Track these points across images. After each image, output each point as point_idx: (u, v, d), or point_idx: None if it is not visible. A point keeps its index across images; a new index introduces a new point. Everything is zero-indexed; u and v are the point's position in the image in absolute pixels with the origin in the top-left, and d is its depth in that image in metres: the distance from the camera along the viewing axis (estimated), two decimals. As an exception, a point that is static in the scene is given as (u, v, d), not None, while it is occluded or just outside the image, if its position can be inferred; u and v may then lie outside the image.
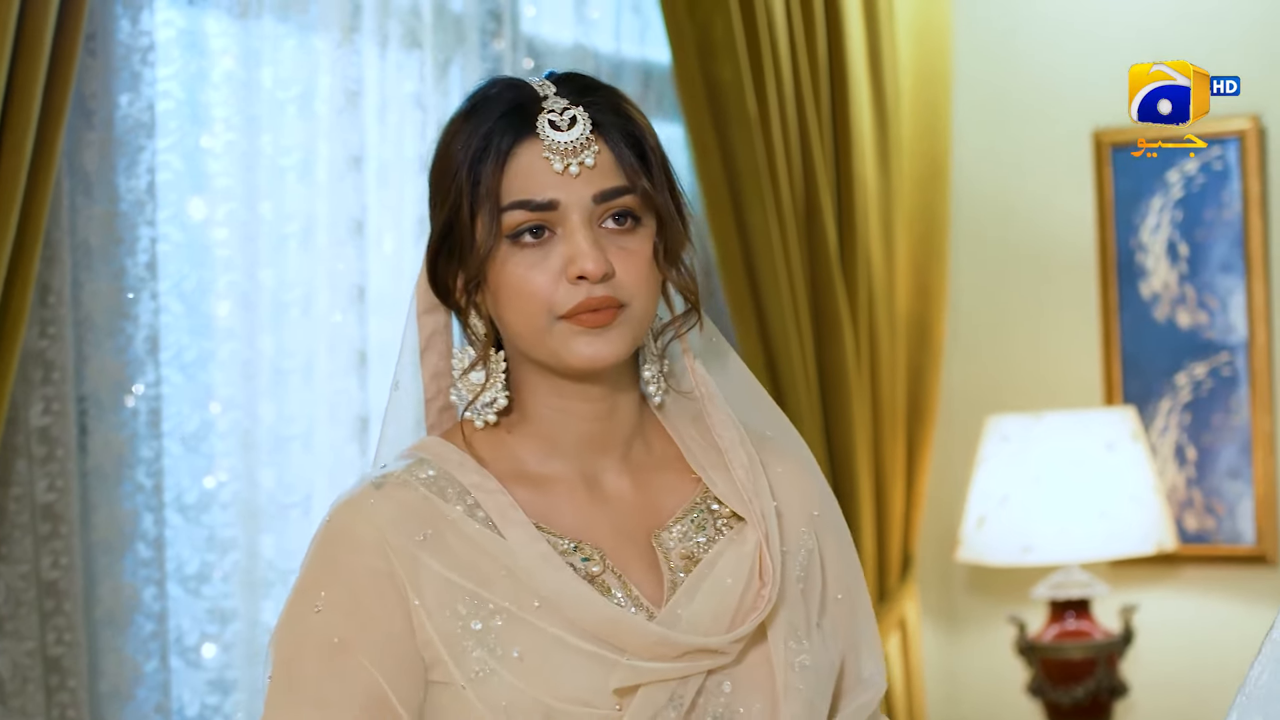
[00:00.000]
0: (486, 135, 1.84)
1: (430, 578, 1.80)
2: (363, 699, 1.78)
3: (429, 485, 1.85)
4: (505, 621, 1.79)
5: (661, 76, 4.26)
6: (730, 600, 1.85)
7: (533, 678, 1.77)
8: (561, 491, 1.90)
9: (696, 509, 1.93)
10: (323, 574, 1.83)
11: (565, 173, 1.82)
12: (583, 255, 1.81)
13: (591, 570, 1.85)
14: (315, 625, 1.81)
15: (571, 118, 1.83)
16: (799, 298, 4.33)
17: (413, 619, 1.80)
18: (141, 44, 3.01)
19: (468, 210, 1.84)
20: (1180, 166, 4.69)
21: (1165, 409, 4.74)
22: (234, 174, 3.17)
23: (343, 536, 1.83)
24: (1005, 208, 4.94)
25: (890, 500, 4.67)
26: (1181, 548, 4.69)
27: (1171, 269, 4.73)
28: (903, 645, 4.74)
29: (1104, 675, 4.47)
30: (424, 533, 1.82)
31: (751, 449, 1.95)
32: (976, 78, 4.97)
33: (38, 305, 2.85)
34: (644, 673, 1.79)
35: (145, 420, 3.02)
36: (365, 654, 1.79)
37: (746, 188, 4.18)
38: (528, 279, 1.82)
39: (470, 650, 1.79)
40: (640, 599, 1.85)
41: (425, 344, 1.97)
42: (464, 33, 3.61)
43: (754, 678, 1.86)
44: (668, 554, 1.89)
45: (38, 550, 2.86)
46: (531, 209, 1.82)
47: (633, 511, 1.92)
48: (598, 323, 1.82)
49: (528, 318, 1.83)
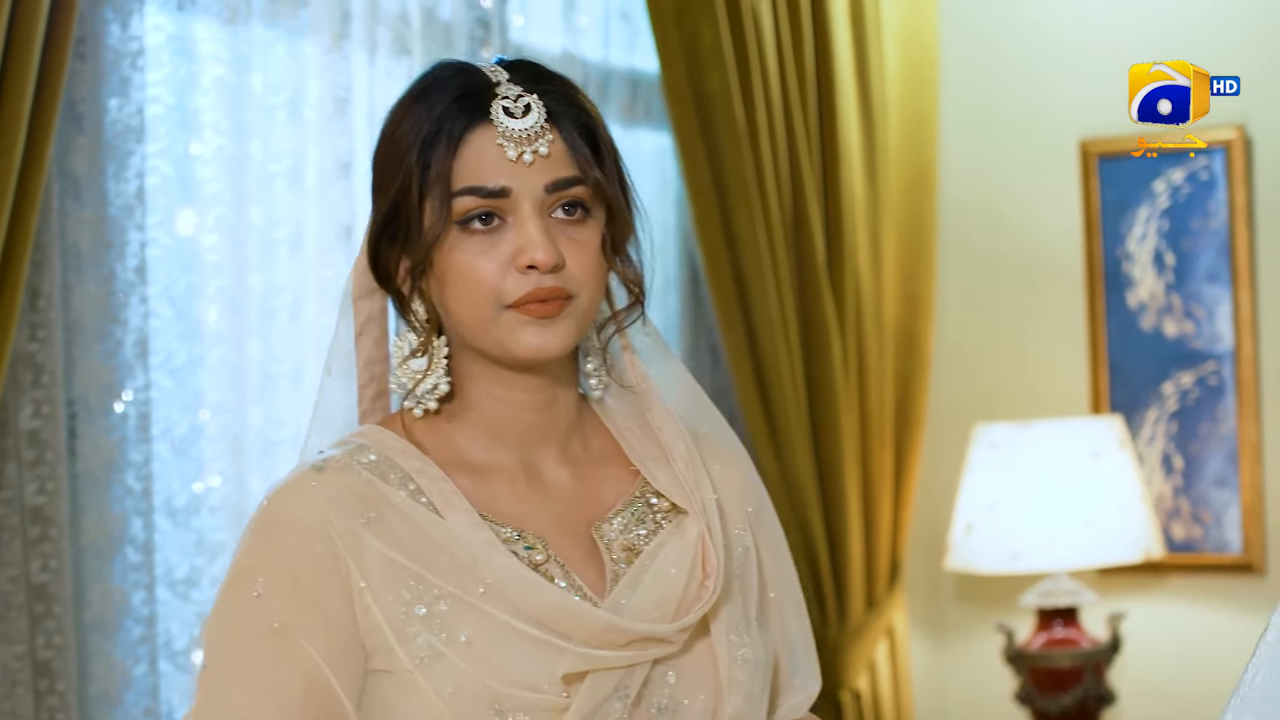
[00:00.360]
0: (438, 119, 1.82)
1: (375, 559, 1.78)
2: (304, 684, 1.75)
3: (371, 469, 1.83)
4: (451, 606, 1.77)
5: (650, 85, 4.27)
6: (674, 590, 1.84)
7: (480, 662, 1.75)
8: (502, 481, 1.88)
9: (636, 502, 1.92)
10: (261, 558, 1.79)
11: (519, 160, 1.80)
12: (533, 244, 1.79)
13: (535, 559, 1.83)
14: (254, 610, 1.77)
15: (526, 105, 1.82)
16: (787, 306, 4.34)
17: (356, 604, 1.77)
18: (131, 49, 3.02)
19: (416, 194, 1.81)
20: (1167, 176, 4.71)
21: (1152, 418, 4.75)
22: (223, 179, 3.17)
23: (283, 520, 1.80)
24: (993, 217, 4.96)
25: (878, 508, 4.67)
26: (1169, 556, 4.70)
27: (1158, 278, 4.75)
28: (891, 653, 4.75)
29: (1092, 683, 4.48)
30: (367, 515, 1.79)
31: (690, 443, 1.95)
32: (963, 87, 4.98)
33: (27, 309, 2.85)
34: (591, 660, 1.77)
35: (135, 424, 3.02)
36: (307, 638, 1.76)
37: (734, 196, 4.19)
38: (475, 266, 1.81)
39: (416, 635, 1.76)
40: (583, 589, 1.83)
41: (360, 330, 1.94)
42: (452, 40, 3.62)
43: (698, 669, 1.85)
44: (609, 545, 1.88)
45: (27, 553, 2.85)
46: (483, 195, 1.81)
47: (573, 503, 1.90)
48: (545, 313, 1.81)
49: (474, 306, 1.82)
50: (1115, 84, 4.62)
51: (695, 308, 4.38)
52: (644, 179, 4.28)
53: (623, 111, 4.20)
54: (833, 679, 4.53)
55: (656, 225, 4.21)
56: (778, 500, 4.28)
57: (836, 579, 4.53)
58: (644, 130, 4.29)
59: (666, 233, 4.34)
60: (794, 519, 4.40)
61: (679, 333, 4.35)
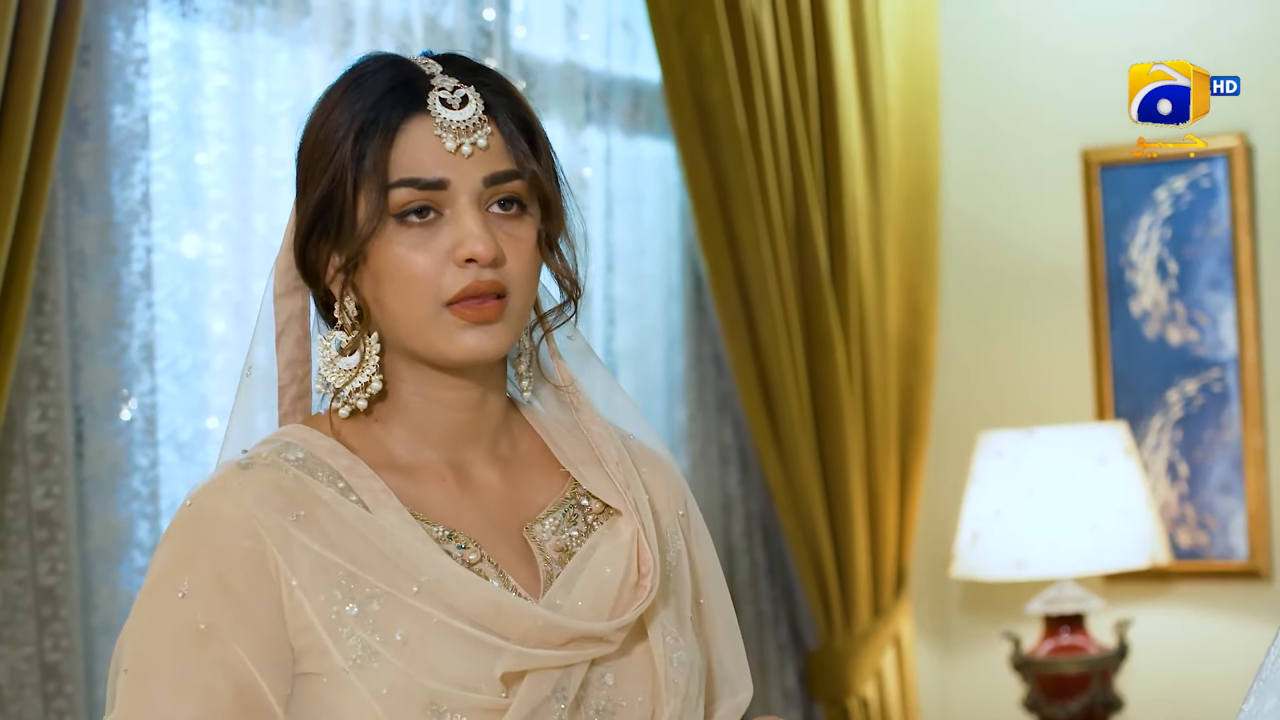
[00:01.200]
0: (372, 109, 1.77)
1: (305, 556, 1.72)
2: (232, 688, 1.70)
3: (299, 466, 1.78)
4: (383, 605, 1.72)
5: (651, 95, 4.28)
6: (609, 590, 1.81)
7: (415, 662, 1.71)
8: (432, 480, 1.83)
9: (567, 503, 1.89)
10: (186, 557, 1.73)
11: (457, 152, 1.76)
12: (473, 237, 1.75)
13: (469, 558, 1.79)
14: (178, 610, 1.71)
15: (463, 96, 1.78)
16: (790, 315, 4.35)
17: (287, 603, 1.72)
18: (135, 56, 3.03)
19: (350, 186, 1.76)
20: (1169, 184, 4.72)
21: (1157, 426, 4.76)
22: (227, 186, 3.19)
23: (207, 519, 1.74)
24: (995, 225, 4.97)
25: (883, 517, 4.68)
26: (1175, 563, 4.71)
27: (1161, 286, 4.76)
28: (897, 661, 4.75)
29: (1099, 690, 4.48)
30: (296, 513, 1.74)
31: (620, 444, 1.93)
32: (965, 96, 5.00)
33: (34, 313, 2.87)
34: (529, 659, 1.73)
35: (141, 428, 3.04)
36: (235, 639, 1.70)
37: (737, 206, 4.21)
38: (412, 260, 1.76)
39: (349, 635, 1.71)
40: (518, 589, 1.79)
41: (281, 329, 1.89)
42: (455, 49, 3.61)
43: (636, 670, 1.82)
44: (541, 546, 1.84)
45: (34, 557, 2.87)
46: (420, 187, 1.76)
47: (502, 504, 1.86)
48: (483, 317, 1.77)
49: (411, 303, 1.77)
50: (1116, 93, 4.65)
51: (699, 316, 4.39)
52: (647, 188, 4.29)
53: (625, 121, 4.22)
54: (839, 687, 4.53)
55: (659, 234, 4.25)
56: (783, 508, 4.30)
57: (842, 587, 4.54)
58: (646, 139, 4.30)
59: (670, 241, 4.35)
60: (799, 527, 4.41)
61: (682, 340, 4.36)
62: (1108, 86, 4.64)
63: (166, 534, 1.77)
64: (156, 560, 1.76)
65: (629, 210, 4.21)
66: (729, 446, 4.47)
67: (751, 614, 4.48)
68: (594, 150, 4.10)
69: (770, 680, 4.51)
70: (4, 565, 2.84)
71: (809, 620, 4.52)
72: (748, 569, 4.49)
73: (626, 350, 4.21)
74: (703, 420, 4.40)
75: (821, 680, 4.54)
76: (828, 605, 4.50)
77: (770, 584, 4.56)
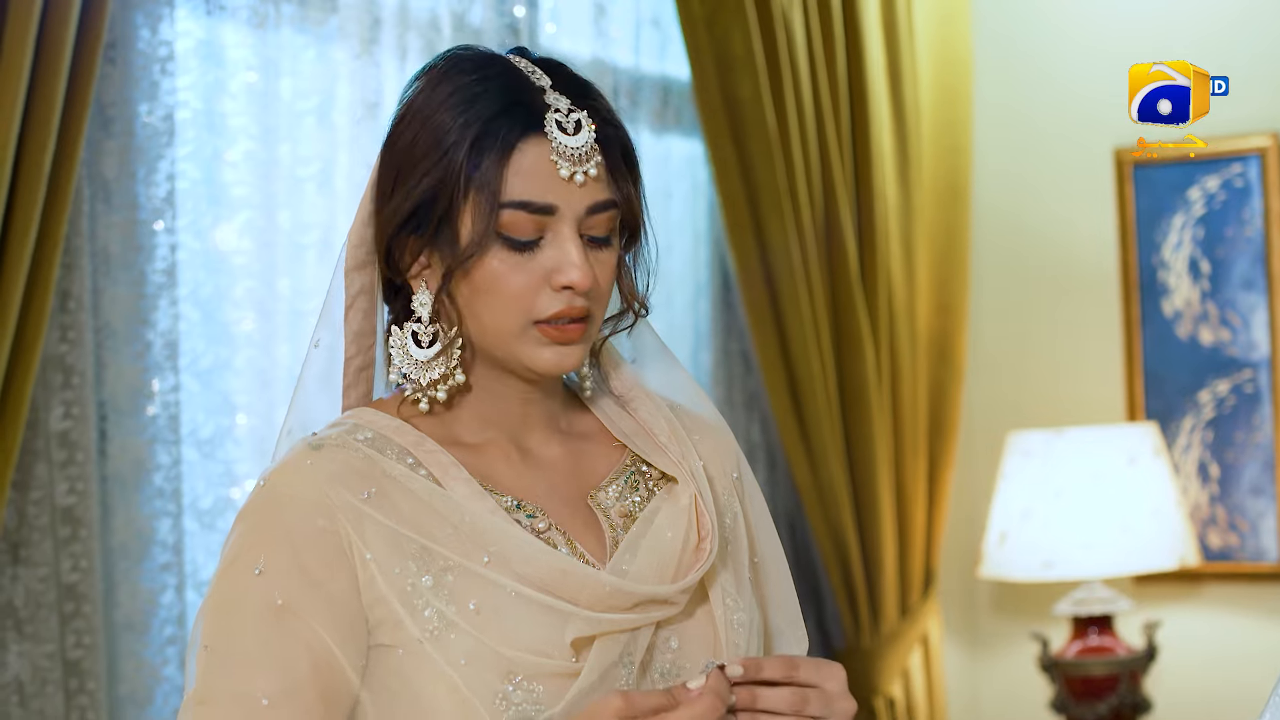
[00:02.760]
0: (489, 121, 1.78)
1: (379, 532, 1.77)
2: (310, 661, 1.74)
3: (368, 445, 1.82)
4: (457, 576, 1.77)
5: (681, 92, 4.28)
6: (671, 553, 1.85)
7: (490, 630, 1.75)
8: (497, 455, 1.88)
9: (628, 470, 1.94)
10: (261, 536, 1.77)
11: (570, 180, 1.80)
12: (573, 266, 1.79)
13: (537, 527, 1.84)
14: (255, 588, 1.75)
15: (577, 121, 1.80)
16: (819, 314, 4.34)
17: (361, 577, 1.76)
18: (160, 53, 3.04)
19: (460, 193, 1.79)
20: (1202, 184, 4.70)
21: (1188, 426, 4.74)
22: (252, 184, 3.19)
23: (282, 498, 1.78)
24: (1027, 224, 4.96)
25: (912, 516, 4.67)
26: (1205, 565, 4.68)
27: (1193, 286, 4.74)
28: (925, 662, 4.74)
29: (1127, 691, 4.46)
30: (368, 490, 1.78)
31: (669, 415, 1.97)
32: (996, 94, 4.98)
33: (58, 311, 2.87)
34: (598, 623, 1.77)
35: (164, 426, 3.04)
36: (312, 615, 1.75)
37: (766, 204, 4.20)
38: (509, 280, 1.80)
39: (423, 607, 1.76)
40: (585, 555, 1.84)
41: (350, 302, 1.91)
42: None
43: (698, 633, 1.86)
44: (606, 512, 1.89)
45: (58, 554, 2.87)
46: (531, 211, 1.79)
47: (567, 474, 1.91)
48: (567, 338, 1.82)
49: (502, 317, 1.81)
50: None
51: (727, 313, 4.38)
52: (675, 185, 4.29)
53: (654, 118, 4.21)
54: (867, 686, 4.52)
55: (688, 232, 4.24)
56: (810, 507, 4.29)
57: (870, 586, 4.53)
58: (675, 137, 4.29)
59: (698, 238, 4.35)
60: (827, 526, 4.40)
61: (710, 338, 4.35)
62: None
63: (241, 513, 1.81)
64: (232, 539, 1.80)
65: (657, 208, 4.20)
66: (756, 445, 4.46)
67: (778, 613, 4.46)
68: (622, 148, 4.08)
69: (796, 679, 4.50)
70: (27, 562, 2.85)
71: (836, 620, 4.51)
72: (774, 568, 4.47)
73: (654, 348, 4.19)
74: (730, 418, 4.35)
75: (849, 680, 4.52)
76: (855, 605, 4.49)
77: (797, 583, 4.52)
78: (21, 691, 2.84)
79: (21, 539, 2.85)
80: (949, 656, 4.97)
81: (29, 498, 2.86)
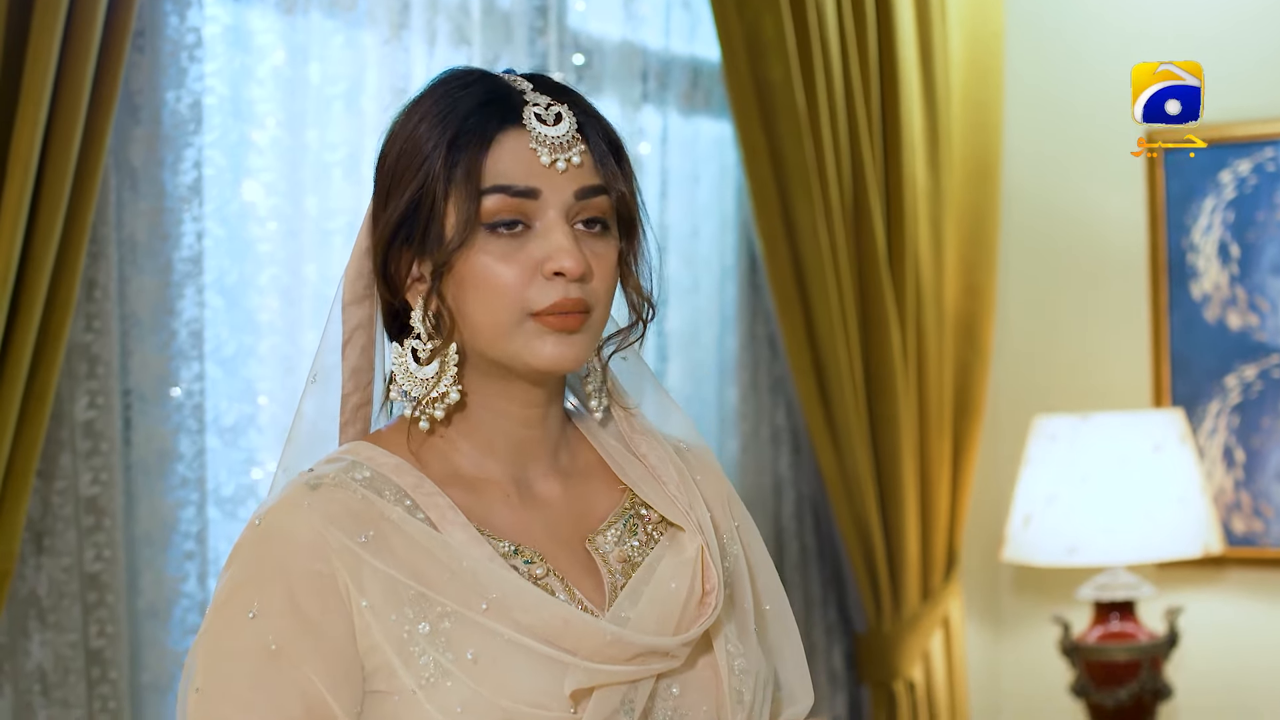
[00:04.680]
0: (465, 118, 1.79)
1: (375, 578, 1.74)
2: (303, 706, 1.72)
3: (366, 485, 1.79)
4: (454, 624, 1.74)
5: (710, 74, 4.25)
6: (674, 604, 1.83)
7: (487, 680, 1.73)
8: (496, 495, 1.86)
9: (627, 514, 1.92)
10: (255, 578, 1.75)
11: (552, 166, 1.79)
12: (563, 251, 1.78)
13: (535, 573, 1.81)
14: (249, 631, 1.73)
15: (557, 113, 1.82)
16: (846, 295, 4.33)
17: (356, 623, 1.74)
18: (188, 40, 3.02)
19: (441, 193, 1.79)
20: (1233, 168, 4.67)
21: (1214, 410, 4.72)
22: (279, 170, 3.17)
23: (278, 539, 1.75)
24: (1055, 206, 4.93)
25: (936, 499, 4.66)
26: (1229, 550, 4.67)
27: (1222, 270, 4.71)
28: (946, 644, 4.73)
29: (1148, 677, 4.45)
30: (365, 533, 1.76)
31: (679, 461, 1.95)
32: (1028, 75, 4.95)
33: (84, 300, 2.87)
34: (597, 674, 1.75)
35: (189, 414, 3.03)
36: (305, 660, 1.73)
37: (795, 187, 4.18)
38: (498, 271, 1.78)
39: (419, 654, 1.73)
40: (584, 601, 1.82)
41: (348, 337, 1.90)
42: (512, 29, 3.61)
43: (700, 681, 1.85)
44: (605, 557, 1.87)
45: (81, 543, 2.87)
46: (512, 194, 1.78)
47: (565, 516, 1.89)
48: (566, 326, 1.79)
49: (495, 311, 1.79)
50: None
51: (753, 296, 4.36)
52: (703, 168, 4.27)
53: (683, 100, 4.19)
54: (887, 669, 4.52)
55: (715, 215, 4.23)
56: (834, 491, 4.29)
57: (892, 569, 4.52)
58: (704, 119, 4.27)
59: (725, 221, 4.33)
60: (850, 510, 4.39)
61: (736, 322, 4.34)
62: (1174, 68, 4.59)
63: (235, 551, 1.79)
64: (226, 578, 1.78)
65: (684, 191, 4.18)
66: (781, 428, 4.45)
67: (800, 597, 4.47)
68: (650, 130, 4.07)
69: (817, 663, 4.50)
70: (50, 551, 2.85)
71: (857, 603, 4.50)
72: (797, 552, 4.47)
73: (679, 331, 4.19)
74: (755, 401, 4.38)
75: (869, 663, 4.53)
76: (877, 588, 4.49)
77: (820, 566, 4.55)
78: (44, 680, 2.85)
79: (45, 528, 2.85)
80: (970, 639, 4.97)
81: (53, 487, 2.85)
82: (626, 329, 1.92)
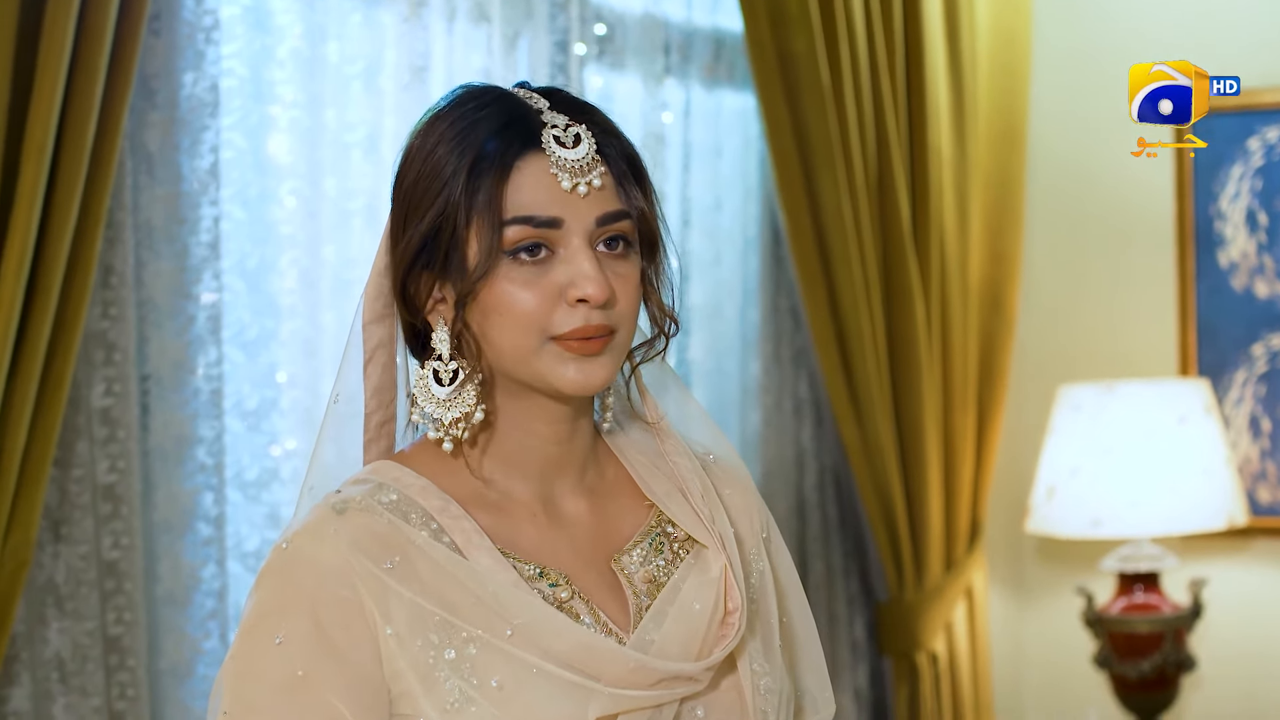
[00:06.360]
0: (484, 143, 1.78)
1: (401, 604, 1.75)
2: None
3: (392, 509, 1.79)
4: (479, 650, 1.74)
5: (733, 46, 4.22)
6: (699, 626, 1.83)
7: (511, 707, 1.73)
8: (522, 515, 1.85)
9: (653, 532, 1.91)
10: (283, 603, 1.76)
11: (573, 191, 1.78)
12: (586, 279, 1.77)
13: (559, 596, 1.81)
14: (276, 658, 1.74)
15: (575, 135, 1.80)
16: (869, 268, 4.30)
17: (382, 649, 1.74)
18: (205, 23, 2.99)
19: (462, 220, 1.77)
20: (1261, 134, 4.63)
21: (1240, 380, 4.70)
22: (298, 151, 3.15)
23: (304, 564, 1.76)
24: (1082, 173, 4.89)
25: (959, 469, 4.64)
26: (1254, 520, 4.65)
27: (1250, 238, 4.68)
28: (969, 614, 4.72)
29: (1171, 649, 4.44)
30: (391, 559, 1.76)
31: (705, 476, 1.95)
32: (1055, 39, 4.91)
33: (100, 286, 2.85)
34: (622, 700, 1.76)
35: (207, 399, 3.02)
36: (331, 689, 1.73)
37: (818, 157, 4.15)
38: (522, 298, 1.77)
39: (444, 680, 1.74)
40: (609, 624, 1.83)
41: (369, 356, 1.89)
42: (532, 6, 3.57)
43: (725, 702, 1.85)
44: (630, 578, 1.87)
45: (98, 531, 2.86)
46: (535, 225, 1.77)
47: (591, 535, 1.88)
48: (588, 350, 1.79)
49: (517, 336, 1.78)
50: (1214, 38, 4.55)
51: (776, 268, 4.34)
52: (726, 140, 4.24)
53: (705, 72, 4.15)
54: (909, 640, 4.51)
55: (738, 187, 4.20)
56: (856, 462, 4.27)
57: (914, 540, 4.50)
58: (727, 91, 4.24)
59: (748, 194, 4.30)
60: (872, 481, 4.37)
61: (759, 294, 4.31)
62: (1206, 30, 4.55)
63: (262, 575, 1.80)
64: (253, 602, 1.79)
65: (707, 163, 4.16)
66: (804, 400, 4.43)
67: (821, 567, 4.46)
68: (673, 102, 4.04)
69: (839, 633, 4.49)
70: (67, 540, 2.84)
71: (879, 573, 4.49)
72: (819, 523, 4.46)
73: (702, 305, 4.17)
74: (777, 374, 4.36)
75: (891, 634, 4.52)
76: (899, 558, 4.47)
77: (842, 538, 4.53)
78: (62, 668, 2.84)
79: (63, 516, 2.84)
80: (994, 609, 4.96)
81: (70, 475, 2.84)
82: (649, 341, 1.92)
